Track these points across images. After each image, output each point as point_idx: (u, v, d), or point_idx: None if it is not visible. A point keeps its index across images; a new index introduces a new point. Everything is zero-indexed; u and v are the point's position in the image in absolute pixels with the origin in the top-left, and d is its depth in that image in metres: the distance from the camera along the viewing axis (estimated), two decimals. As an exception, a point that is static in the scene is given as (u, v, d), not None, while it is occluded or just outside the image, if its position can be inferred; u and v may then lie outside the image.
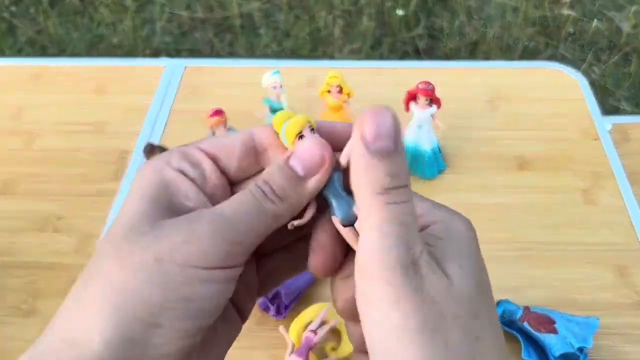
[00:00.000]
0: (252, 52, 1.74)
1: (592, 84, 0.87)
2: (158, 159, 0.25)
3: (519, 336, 0.57)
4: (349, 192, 0.24)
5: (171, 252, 0.22)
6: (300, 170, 0.24)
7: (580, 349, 0.55)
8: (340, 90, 0.69)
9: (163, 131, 0.79)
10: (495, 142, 0.77)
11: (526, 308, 0.57)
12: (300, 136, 0.25)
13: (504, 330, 0.56)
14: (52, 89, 0.86)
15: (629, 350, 0.58)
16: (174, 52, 1.75)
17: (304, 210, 0.26)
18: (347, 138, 0.24)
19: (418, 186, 0.72)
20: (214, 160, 0.26)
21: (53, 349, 0.22)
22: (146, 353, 0.22)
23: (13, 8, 1.87)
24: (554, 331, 0.55)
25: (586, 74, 1.60)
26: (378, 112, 0.22)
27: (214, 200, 0.25)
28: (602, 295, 0.61)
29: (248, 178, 0.27)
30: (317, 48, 1.75)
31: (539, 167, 0.74)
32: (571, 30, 1.77)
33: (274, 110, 0.70)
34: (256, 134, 0.26)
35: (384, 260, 0.22)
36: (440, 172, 0.73)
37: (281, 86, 0.71)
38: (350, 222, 0.24)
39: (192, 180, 0.25)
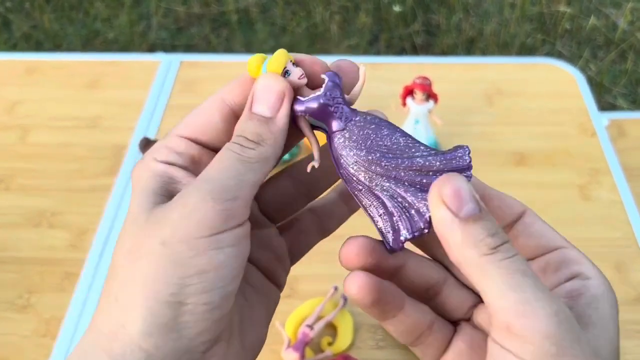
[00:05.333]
0: (248, 48, 1.73)
1: (589, 80, 0.86)
2: (143, 159, 0.26)
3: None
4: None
5: (172, 231, 0.23)
6: (267, 113, 0.25)
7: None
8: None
9: (159, 126, 0.78)
10: (492, 137, 0.76)
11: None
12: (286, 72, 0.25)
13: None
14: (46, 84, 0.86)
15: (626, 346, 0.58)
16: (170, 47, 1.74)
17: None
18: (320, 65, 0.26)
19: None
20: (196, 141, 0.26)
21: (98, 344, 0.23)
22: (182, 335, 0.23)
23: (8, 3, 1.86)
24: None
25: (582, 70, 1.60)
26: (450, 178, 0.23)
27: None
28: (599, 290, 0.61)
29: None
30: (314, 44, 1.75)
31: (536, 162, 0.74)
32: (568, 26, 1.77)
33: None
34: (227, 98, 0.26)
35: (534, 315, 0.21)
36: (437, 167, 0.72)
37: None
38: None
39: (182, 167, 0.25)
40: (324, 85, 0.26)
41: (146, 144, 0.62)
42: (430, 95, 0.68)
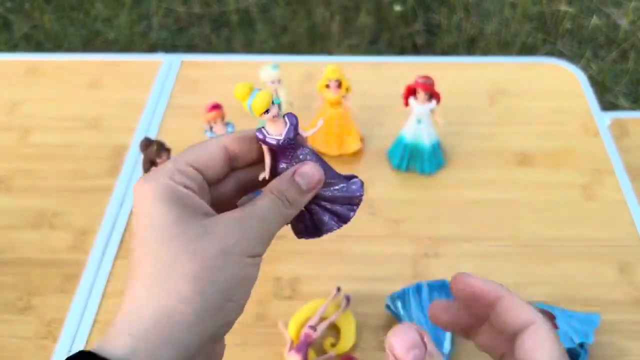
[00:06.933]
0: (249, 48, 1.73)
1: (590, 80, 0.86)
2: (159, 174, 0.30)
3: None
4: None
5: (233, 246, 0.29)
6: (304, 187, 0.32)
7: (581, 345, 0.54)
8: (339, 85, 0.69)
9: (160, 126, 0.78)
10: (495, 137, 0.76)
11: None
12: (266, 111, 0.31)
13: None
14: (47, 84, 0.85)
15: (630, 347, 0.57)
16: (171, 47, 1.74)
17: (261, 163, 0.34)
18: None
19: (418, 182, 0.72)
20: (200, 172, 0.31)
21: (154, 319, 0.27)
22: (225, 317, 0.29)
23: (8, 3, 1.86)
24: (555, 327, 0.55)
25: (584, 70, 1.59)
26: (399, 331, 0.28)
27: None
28: (603, 291, 0.61)
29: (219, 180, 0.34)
30: (314, 44, 1.74)
31: (538, 162, 0.73)
32: (569, 26, 1.77)
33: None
34: (228, 146, 0.32)
35: None
36: (439, 167, 0.72)
37: (279, 81, 0.70)
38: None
39: (192, 190, 0.31)
40: (285, 129, 0.32)
41: (147, 145, 0.61)
42: (433, 95, 0.67)
